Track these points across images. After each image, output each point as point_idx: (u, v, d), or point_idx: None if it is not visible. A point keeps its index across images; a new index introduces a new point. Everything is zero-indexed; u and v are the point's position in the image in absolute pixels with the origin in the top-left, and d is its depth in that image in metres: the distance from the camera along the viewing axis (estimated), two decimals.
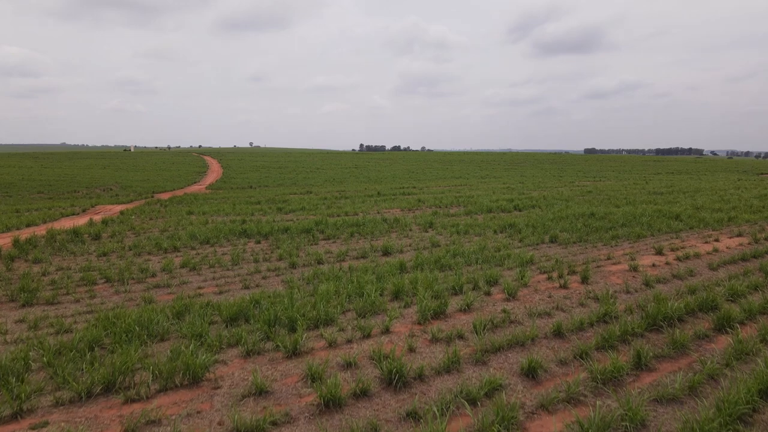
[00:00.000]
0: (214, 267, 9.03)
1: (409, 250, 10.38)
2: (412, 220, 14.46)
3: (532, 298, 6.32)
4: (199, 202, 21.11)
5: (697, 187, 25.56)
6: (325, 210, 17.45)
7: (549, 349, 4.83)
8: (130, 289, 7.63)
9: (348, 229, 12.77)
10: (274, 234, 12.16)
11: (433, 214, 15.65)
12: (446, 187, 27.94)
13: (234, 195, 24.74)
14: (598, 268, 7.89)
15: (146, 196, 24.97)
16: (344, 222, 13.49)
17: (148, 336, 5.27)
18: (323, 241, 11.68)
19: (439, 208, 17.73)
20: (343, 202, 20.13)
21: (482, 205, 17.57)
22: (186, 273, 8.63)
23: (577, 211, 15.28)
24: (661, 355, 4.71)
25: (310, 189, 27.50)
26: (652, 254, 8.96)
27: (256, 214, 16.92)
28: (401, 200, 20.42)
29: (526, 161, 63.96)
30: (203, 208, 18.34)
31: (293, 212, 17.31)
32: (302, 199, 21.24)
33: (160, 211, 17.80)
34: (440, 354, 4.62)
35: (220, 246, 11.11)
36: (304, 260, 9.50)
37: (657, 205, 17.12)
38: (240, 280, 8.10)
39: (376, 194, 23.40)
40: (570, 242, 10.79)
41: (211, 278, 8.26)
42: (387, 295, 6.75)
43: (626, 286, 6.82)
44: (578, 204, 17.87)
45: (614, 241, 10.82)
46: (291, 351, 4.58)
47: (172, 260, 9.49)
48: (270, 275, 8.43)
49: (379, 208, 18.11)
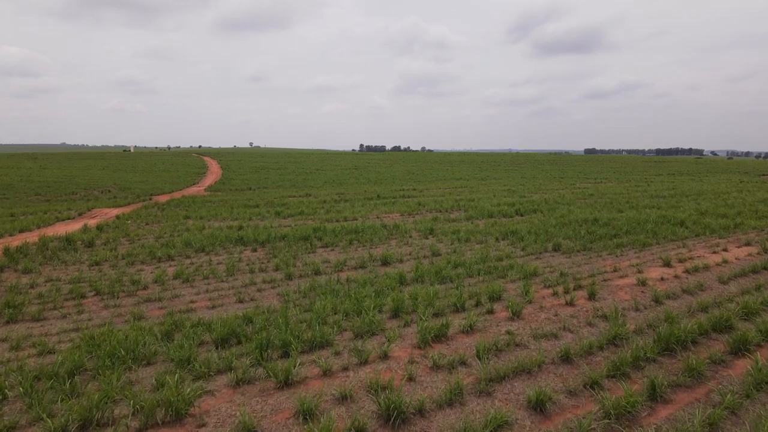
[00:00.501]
0: (208, 278, 8.74)
1: (409, 259, 10.08)
2: (412, 225, 14.16)
3: (537, 317, 6.02)
4: (197, 205, 20.81)
5: (699, 190, 25.25)
6: (323, 214, 17.16)
7: (557, 377, 4.54)
8: (119, 304, 7.34)
9: (347, 236, 12.48)
10: (271, 241, 11.87)
11: (433, 220, 15.35)
12: (446, 189, 27.64)
13: (232, 198, 24.44)
14: (605, 282, 7.58)
15: (144, 199, 24.67)
16: (343, 228, 13.20)
17: (133, 360, 4.98)
18: (321, 248, 11.39)
19: (440, 213, 17.44)
20: (343, 206, 19.84)
21: (483, 210, 17.28)
22: (179, 285, 8.33)
23: (580, 216, 14.98)
24: (676, 384, 4.42)
25: (309, 191, 27.19)
26: (659, 266, 8.66)
27: (253, 218, 16.63)
28: (401, 204, 20.13)
29: (527, 162, 63.61)
30: (200, 212, 18.05)
31: (292, 217, 17.03)
32: (301, 203, 20.95)
33: (156, 216, 17.51)
34: (442, 384, 4.33)
35: (216, 254, 10.82)
36: (301, 270, 9.21)
37: (661, 210, 16.82)
38: (234, 293, 7.81)
39: (375, 197, 23.10)
40: (574, 251, 10.50)
41: (204, 291, 7.97)
42: (386, 312, 6.46)
43: (635, 303, 6.53)
44: (580, 208, 17.58)
45: (619, 249, 10.52)
46: (283, 381, 4.29)
47: (165, 270, 9.21)
48: (265, 287, 8.14)
49: (378, 213, 17.83)
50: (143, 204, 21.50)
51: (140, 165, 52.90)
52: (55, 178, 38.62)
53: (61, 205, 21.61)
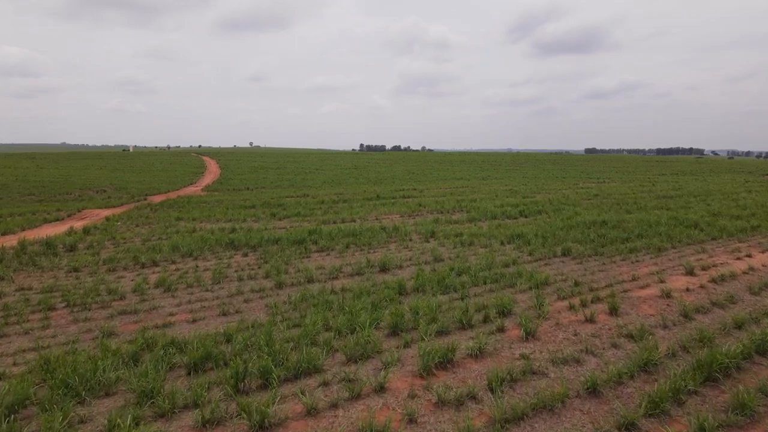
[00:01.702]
0: (192, 287, 8.00)
1: (409, 265, 9.35)
2: (412, 228, 13.43)
3: (554, 337, 5.28)
4: (191, 206, 20.07)
5: (706, 190, 24.48)
6: (321, 216, 16.42)
7: (584, 415, 3.81)
8: (91, 317, 6.61)
9: (344, 239, 11.74)
10: (264, 245, 11.13)
11: (434, 221, 14.61)
12: (447, 189, 26.89)
13: (228, 198, 23.71)
14: (625, 294, 6.83)
15: (139, 199, 23.94)
16: (340, 231, 12.46)
17: (89, 390, 4.26)
18: (316, 253, 10.66)
19: (441, 214, 16.69)
20: (341, 207, 19.11)
21: (486, 211, 16.53)
22: (159, 295, 7.60)
23: (588, 218, 14.23)
24: (727, 425, 3.69)
25: (308, 191, 26.45)
26: (682, 274, 7.91)
27: (248, 220, 15.90)
28: (401, 204, 19.39)
29: (528, 162, 62.78)
30: (194, 213, 17.31)
31: (288, 218, 16.29)
32: (298, 203, 20.21)
33: (148, 217, 16.78)
34: (449, 426, 3.60)
35: (204, 259, 10.09)
36: (293, 278, 8.48)
37: (671, 211, 16.07)
38: (219, 304, 7.08)
39: (375, 197, 22.35)
40: (585, 256, 9.76)
41: (186, 302, 7.24)
42: (383, 329, 5.73)
43: (662, 319, 5.78)
44: (587, 209, 16.83)
45: (633, 254, 9.79)
46: (258, 424, 3.55)
47: (147, 278, 8.48)
48: (253, 297, 7.41)
49: (378, 213, 17.09)
50: (136, 205, 20.78)
51: (138, 165, 52.18)
52: (51, 178, 37.89)
53: (53, 206, 20.87)
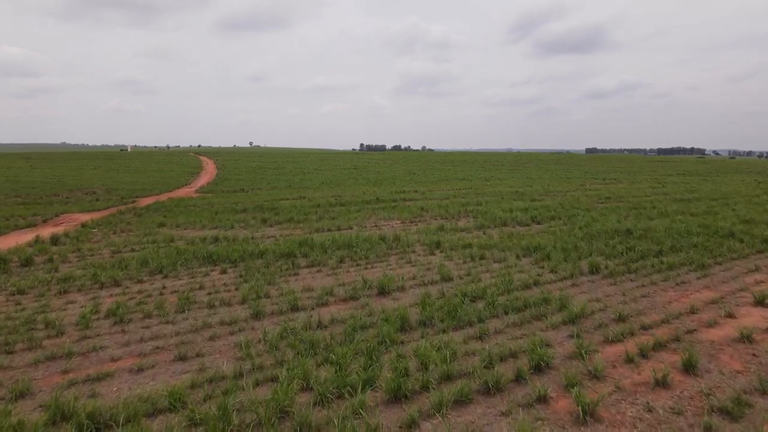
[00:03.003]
0: (150, 317, 6.53)
1: (412, 286, 7.88)
2: (415, 237, 11.96)
3: (621, 416, 3.73)
4: (179, 209, 18.58)
5: (723, 192, 22.98)
6: (315, 222, 14.95)
7: None
8: (9, 364, 5.13)
9: (338, 251, 10.28)
10: (247, 260, 9.66)
11: (439, 229, 13.14)
12: (450, 191, 25.40)
13: (220, 201, 22.24)
14: (691, 336, 5.33)
15: (127, 202, 22.48)
16: (334, 241, 10.99)
17: None
18: (306, 269, 9.19)
19: (446, 220, 15.22)
20: (338, 211, 17.65)
21: (495, 216, 15.05)
22: (107, 329, 6.13)
23: (608, 226, 12.75)
24: None
25: (305, 193, 24.96)
26: (750, 303, 6.40)
27: (236, 226, 14.44)
28: (402, 208, 17.92)
29: (530, 162, 61.18)
30: (179, 218, 15.84)
31: (279, 224, 14.83)
32: (293, 207, 18.74)
33: (129, 222, 15.33)
34: None
35: (175, 277, 8.62)
36: (275, 303, 7.02)
37: (695, 217, 14.60)
38: (177, 342, 5.62)
39: (374, 200, 20.86)
40: (617, 273, 8.29)
41: (137, 339, 5.77)
42: (381, 391, 4.27)
43: (758, 380, 4.27)
44: (603, 215, 15.35)
45: (673, 272, 8.32)
46: None
47: (99, 303, 7.02)
48: (222, 334, 5.95)
49: (377, 219, 15.63)
50: (120, 209, 19.30)
51: (134, 165, 50.72)
52: (43, 178, 36.47)
53: (33, 209, 19.38)
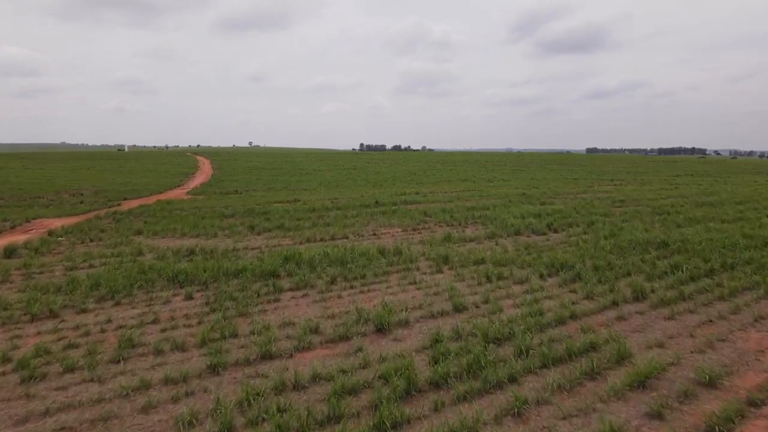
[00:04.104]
0: (72, 371, 4.87)
1: (418, 319, 6.25)
2: (419, 248, 10.34)
3: None
4: (163, 214, 16.93)
5: (745, 195, 21.28)
6: (307, 229, 13.32)
7: None
8: None
9: (330, 268, 8.65)
10: (221, 281, 8.03)
11: (445, 239, 11.50)
12: (453, 193, 23.74)
13: (211, 203, 20.61)
14: None
15: (111, 204, 20.87)
16: (326, 256, 9.35)
17: None
18: (290, 292, 7.56)
19: (452, 227, 13.59)
20: (333, 216, 16.02)
21: (506, 223, 13.41)
22: (8, 392, 4.50)
23: (638, 235, 11.10)
24: None
25: (300, 195, 23.31)
26: None
27: (220, 234, 12.83)
28: (403, 213, 16.29)
29: (532, 162, 59.40)
30: (158, 225, 14.20)
31: (268, 232, 13.21)
32: (286, 210, 17.11)
33: (103, 229, 13.69)
34: None
35: (128, 305, 6.97)
36: (242, 347, 5.40)
37: (730, 224, 12.96)
38: (94, 418, 3.99)
39: (373, 203, 19.22)
40: (669, 301, 6.66)
41: (40, 412, 4.12)
42: None
43: None
44: (626, 221, 13.71)
45: (739, 299, 6.70)
46: None
47: (16, 347, 5.39)
48: (161, 400, 4.31)
49: (375, 226, 14.01)
50: (98, 213, 17.66)
51: (130, 165, 49.09)
52: (32, 179, 34.85)
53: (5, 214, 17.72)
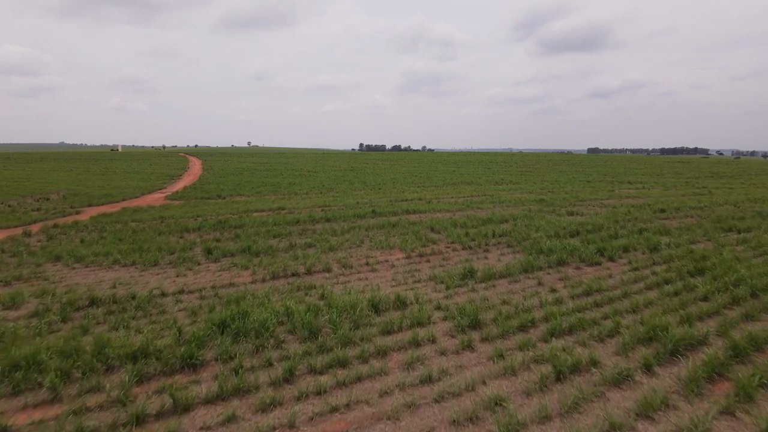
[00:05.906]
0: None
1: None
2: (431, 296, 6.86)
3: None
4: (115, 228, 13.49)
5: None
6: (280, 254, 9.87)
7: None
8: None
9: (287, 346, 5.18)
10: (80, 384, 4.56)
11: (465, 275, 8.01)
12: (461, 199, 20.25)
13: (182, 212, 17.14)
14: None
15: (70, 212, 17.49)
16: (288, 315, 5.87)
17: None
18: (203, 409, 4.10)
19: (470, 251, 10.12)
20: (320, 230, 12.58)
21: (539, 245, 9.94)
22: None
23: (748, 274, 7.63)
24: None
25: (286, 203, 19.83)
26: None
27: (161, 262, 9.41)
28: (405, 227, 12.84)
29: (539, 162, 55.73)
30: (90, 248, 10.73)
31: (229, 257, 9.77)
32: (264, 223, 13.70)
33: (17, 252, 10.30)
34: None
35: None
36: None
37: None
38: None
39: (369, 212, 15.76)
40: None
41: None
42: None
43: None
44: (692, 240, 10.25)
45: None
46: None
47: None
48: None
49: (369, 247, 10.57)
50: (47, 223, 14.20)
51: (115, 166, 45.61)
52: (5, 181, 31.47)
53: None
